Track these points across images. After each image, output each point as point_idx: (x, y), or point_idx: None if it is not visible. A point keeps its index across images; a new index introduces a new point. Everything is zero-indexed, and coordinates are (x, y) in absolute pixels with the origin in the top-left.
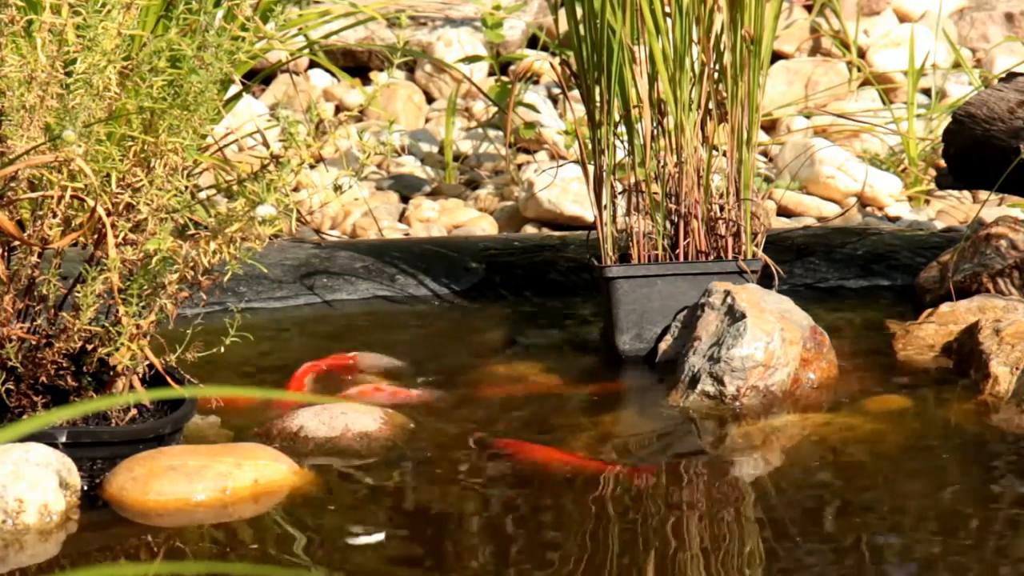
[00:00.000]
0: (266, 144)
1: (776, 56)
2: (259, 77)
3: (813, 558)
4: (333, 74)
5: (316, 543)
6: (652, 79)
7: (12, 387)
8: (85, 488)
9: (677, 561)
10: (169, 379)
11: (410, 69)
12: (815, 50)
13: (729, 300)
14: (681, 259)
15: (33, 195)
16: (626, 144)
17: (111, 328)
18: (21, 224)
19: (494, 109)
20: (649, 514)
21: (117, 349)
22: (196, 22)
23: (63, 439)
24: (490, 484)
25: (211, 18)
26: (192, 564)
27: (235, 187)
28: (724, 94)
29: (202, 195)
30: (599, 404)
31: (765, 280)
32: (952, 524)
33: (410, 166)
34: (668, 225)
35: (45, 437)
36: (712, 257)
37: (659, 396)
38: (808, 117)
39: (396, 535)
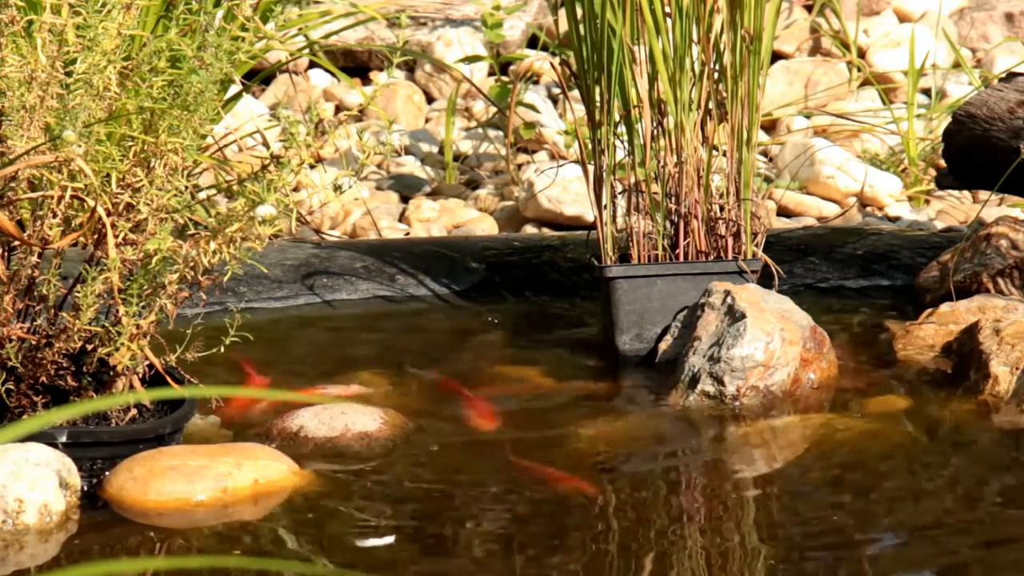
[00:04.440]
0: (266, 144)
1: (776, 56)
2: (259, 77)
3: (813, 559)
4: (333, 74)
5: (316, 543)
6: (652, 79)
7: (12, 387)
8: (85, 488)
9: (676, 562)
10: (169, 379)
11: (410, 69)
12: (815, 50)
13: (729, 300)
14: (681, 259)
15: (33, 195)
16: (626, 144)
17: (111, 328)
18: (21, 224)
19: (494, 109)
20: (648, 514)
21: (117, 349)
22: (196, 22)
23: (63, 439)
24: (489, 483)
25: (211, 18)
26: (190, 559)
27: (235, 187)
28: (724, 94)
29: (202, 195)
30: (599, 404)
31: (765, 280)
32: (953, 525)
33: (410, 166)
34: (668, 225)
35: (45, 437)
36: (712, 257)
37: (659, 396)
38: (808, 117)
39: (397, 535)
